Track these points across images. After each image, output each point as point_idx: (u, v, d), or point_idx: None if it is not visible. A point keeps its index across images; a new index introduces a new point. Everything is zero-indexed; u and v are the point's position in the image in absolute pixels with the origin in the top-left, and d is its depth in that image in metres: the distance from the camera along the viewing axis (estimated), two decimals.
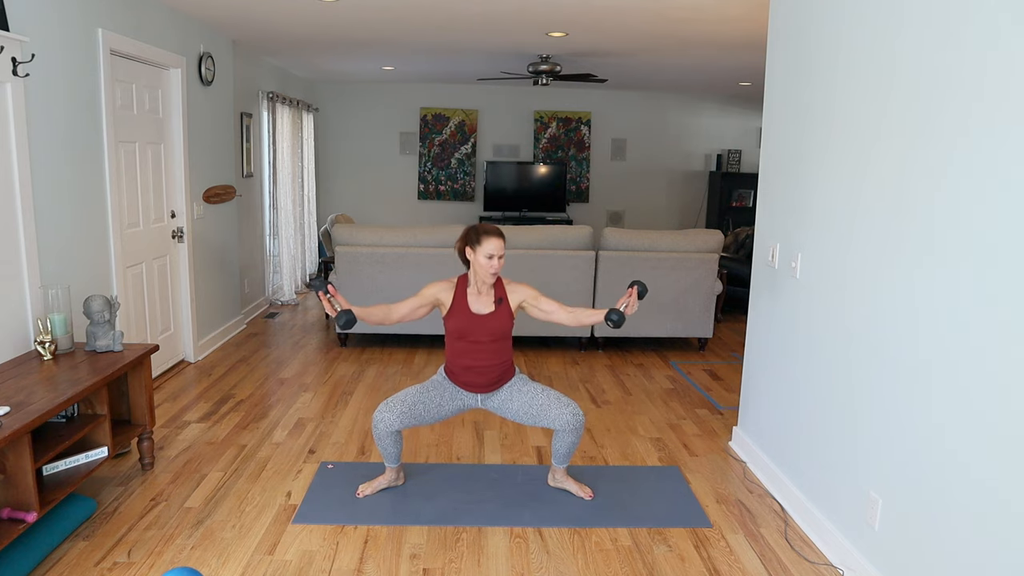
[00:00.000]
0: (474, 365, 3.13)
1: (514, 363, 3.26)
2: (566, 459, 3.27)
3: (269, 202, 7.32)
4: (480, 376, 3.15)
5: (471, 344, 3.11)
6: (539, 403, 3.15)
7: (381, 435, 3.13)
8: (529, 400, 3.16)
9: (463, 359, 3.14)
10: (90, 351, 3.35)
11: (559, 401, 3.15)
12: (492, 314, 3.11)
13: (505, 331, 3.13)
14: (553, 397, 3.16)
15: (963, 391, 2.11)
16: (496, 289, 3.14)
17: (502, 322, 3.11)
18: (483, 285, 3.10)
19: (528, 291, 3.16)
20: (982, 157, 2.04)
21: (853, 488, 2.71)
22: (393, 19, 5.10)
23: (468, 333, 3.10)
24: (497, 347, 3.13)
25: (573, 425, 3.12)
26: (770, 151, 3.59)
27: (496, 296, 3.13)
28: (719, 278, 6.42)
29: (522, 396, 3.18)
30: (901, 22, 2.45)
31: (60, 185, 3.65)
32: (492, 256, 3.00)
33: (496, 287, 3.15)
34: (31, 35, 3.36)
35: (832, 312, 2.91)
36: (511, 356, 3.22)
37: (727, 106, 9.99)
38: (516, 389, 3.20)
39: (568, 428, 3.13)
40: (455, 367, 3.17)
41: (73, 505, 2.93)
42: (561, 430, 3.15)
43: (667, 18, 4.85)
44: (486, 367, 3.13)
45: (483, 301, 3.12)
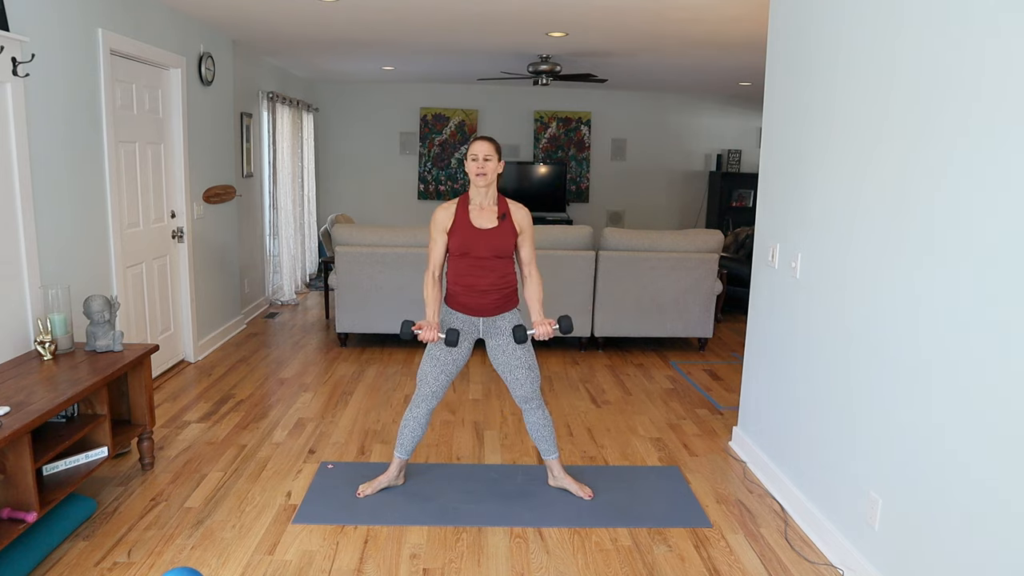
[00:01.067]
0: (476, 284, 3.07)
1: (517, 290, 3.21)
2: (551, 446, 3.27)
3: (269, 202, 7.32)
4: (482, 297, 3.09)
5: (474, 261, 3.05)
6: (518, 357, 3.14)
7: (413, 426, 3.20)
8: (511, 353, 3.14)
9: (466, 277, 3.07)
10: (90, 351, 3.35)
11: (530, 371, 3.16)
12: (495, 229, 3.06)
13: (508, 248, 3.08)
14: (526, 364, 3.15)
15: (963, 391, 2.11)
16: (499, 205, 3.10)
17: (505, 237, 3.06)
18: (480, 192, 3.06)
19: (528, 221, 3.13)
20: (982, 157, 2.04)
21: (853, 488, 2.71)
22: (393, 19, 5.10)
23: (471, 248, 3.04)
24: (499, 264, 3.08)
25: (526, 394, 3.15)
26: (770, 151, 3.59)
27: (500, 212, 3.09)
28: (719, 278, 6.42)
29: (509, 346, 3.15)
30: (901, 22, 2.45)
31: (60, 185, 3.65)
32: (476, 157, 3.01)
33: (500, 203, 3.11)
34: (31, 35, 3.36)
35: (832, 312, 2.91)
36: (514, 280, 3.16)
37: (727, 106, 9.99)
38: (509, 335, 3.15)
39: (522, 397, 3.16)
40: (457, 288, 3.10)
41: (73, 505, 2.93)
42: (519, 398, 3.18)
43: (667, 18, 4.85)
44: (488, 287, 3.08)
45: (486, 216, 3.08)
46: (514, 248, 3.12)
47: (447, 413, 4.37)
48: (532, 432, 3.27)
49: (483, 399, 4.62)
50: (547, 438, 3.26)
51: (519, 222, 3.12)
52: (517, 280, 3.20)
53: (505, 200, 3.13)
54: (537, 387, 3.21)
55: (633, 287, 5.61)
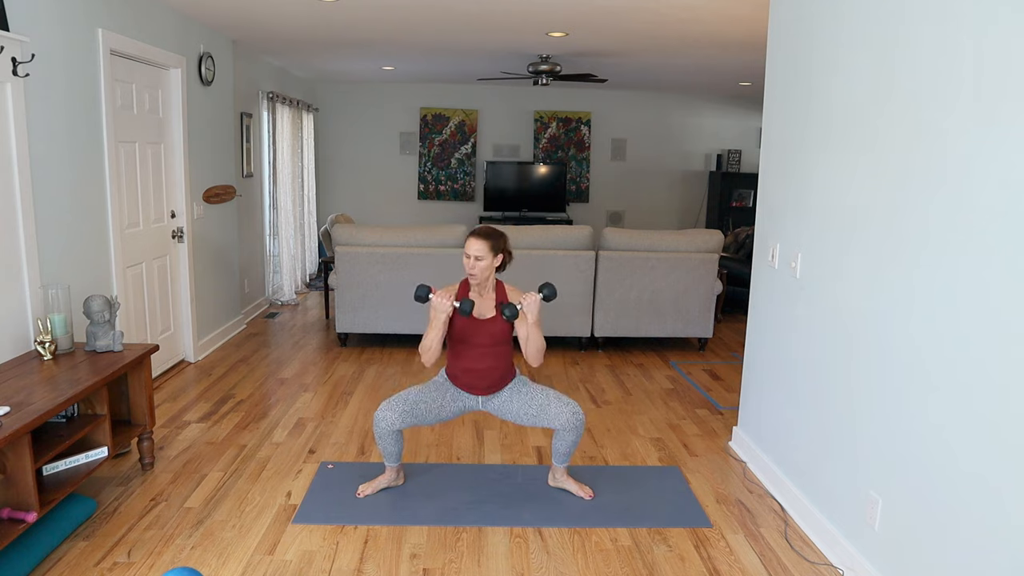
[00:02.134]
0: (474, 368, 3.13)
1: (515, 365, 3.26)
2: (566, 458, 3.27)
3: (269, 202, 7.31)
4: (481, 379, 3.15)
5: (471, 347, 3.11)
6: (538, 403, 3.15)
7: (382, 434, 3.13)
8: (528, 400, 3.16)
9: (463, 362, 3.14)
10: (90, 351, 3.35)
11: (559, 400, 3.15)
12: (493, 319, 3.11)
13: (505, 336, 3.13)
14: (552, 396, 3.16)
15: (963, 391, 2.11)
16: (498, 294, 3.15)
17: (502, 327, 3.11)
18: (474, 287, 3.10)
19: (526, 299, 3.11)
20: (982, 157, 2.04)
21: (853, 488, 2.71)
22: (393, 19, 5.10)
23: (468, 336, 3.10)
24: (497, 351, 3.13)
25: (573, 424, 3.12)
26: (770, 151, 3.59)
27: (497, 300, 3.13)
28: (719, 278, 6.42)
29: (522, 397, 3.18)
30: (901, 21, 2.45)
31: (60, 185, 3.65)
32: (468, 256, 3.03)
33: (498, 291, 3.15)
34: (31, 35, 3.36)
35: (832, 312, 2.91)
36: (512, 359, 3.22)
37: (727, 106, 9.99)
38: (516, 391, 3.20)
39: (568, 427, 3.13)
40: (456, 369, 3.17)
41: (73, 505, 2.93)
42: (561, 429, 3.15)
43: (667, 18, 4.85)
44: (486, 370, 3.13)
45: (484, 305, 3.12)
46: (511, 334, 3.17)
47: None
48: (558, 443, 3.22)
49: None
50: (569, 453, 3.26)
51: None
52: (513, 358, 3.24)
53: (503, 287, 3.17)
54: (575, 408, 3.16)
55: (633, 287, 5.61)
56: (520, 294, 3.14)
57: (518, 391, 3.20)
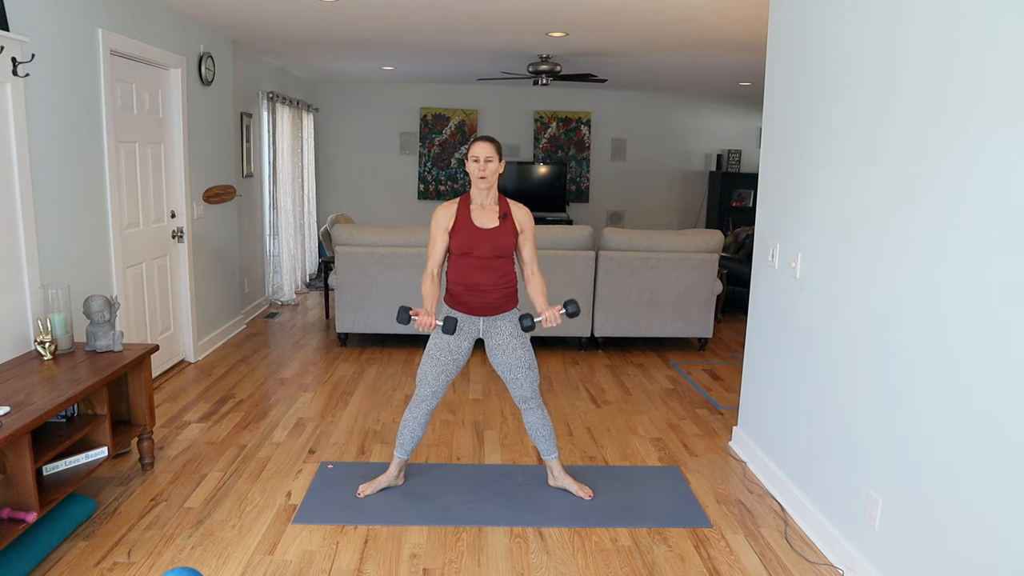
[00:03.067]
0: (477, 283, 3.07)
1: (517, 290, 3.21)
2: (550, 446, 3.27)
3: (269, 202, 7.31)
4: (483, 296, 3.09)
5: (475, 260, 3.06)
6: (518, 357, 3.14)
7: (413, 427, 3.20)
8: (514, 348, 3.14)
9: (467, 277, 3.08)
10: (90, 351, 3.35)
11: (530, 370, 3.16)
12: (496, 228, 3.07)
13: (509, 247, 3.09)
14: (526, 363, 3.16)
15: (964, 390, 2.11)
16: (500, 205, 3.12)
17: (506, 236, 3.07)
18: (481, 193, 3.07)
19: (528, 221, 3.14)
20: (983, 157, 2.04)
21: (853, 488, 2.71)
22: (393, 19, 5.10)
23: (472, 248, 3.05)
24: (500, 264, 3.08)
25: (525, 394, 3.16)
26: (770, 151, 3.59)
27: (501, 211, 3.10)
28: (719, 278, 6.42)
29: (513, 341, 3.14)
30: (902, 21, 2.45)
31: (60, 185, 3.65)
32: (478, 159, 3.02)
33: (500, 203, 3.12)
34: (31, 35, 3.36)
35: (832, 312, 2.91)
36: (514, 279, 3.16)
37: (727, 106, 9.99)
38: (511, 333, 3.15)
39: (525, 396, 3.16)
40: (457, 287, 3.11)
41: (73, 505, 2.93)
42: (520, 399, 3.18)
43: (667, 18, 4.85)
44: (489, 286, 3.08)
45: (487, 215, 3.09)
46: (515, 247, 3.13)
47: (447, 413, 4.37)
48: (531, 432, 3.27)
49: (483, 399, 4.62)
50: (546, 438, 3.26)
51: (520, 221, 3.13)
52: (517, 280, 3.20)
53: (506, 200, 3.14)
54: (536, 387, 3.21)
55: (633, 287, 5.61)
56: (523, 209, 3.15)
57: (512, 335, 3.15)
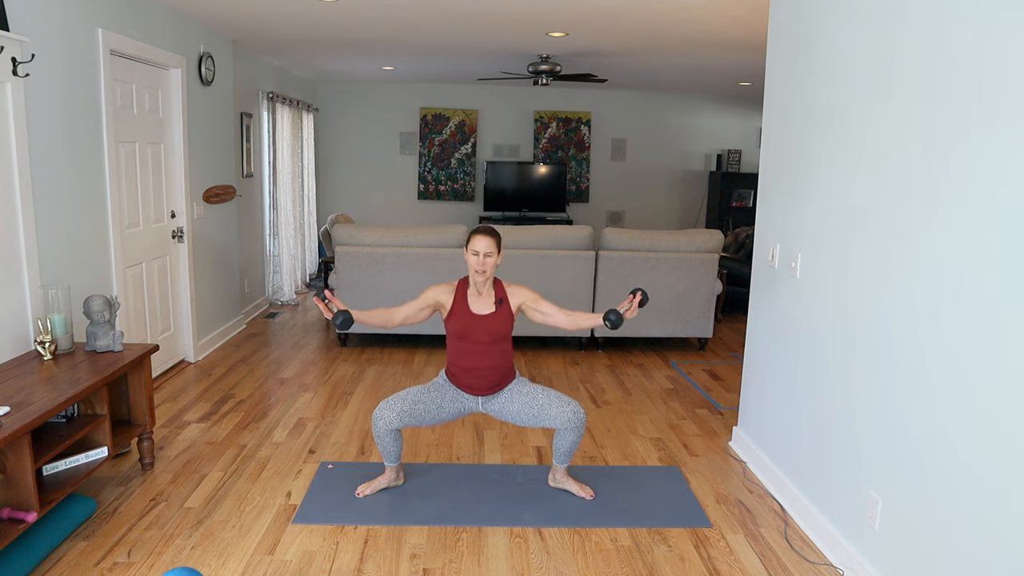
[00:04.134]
0: (475, 367, 3.13)
1: (515, 366, 3.26)
2: (567, 458, 3.27)
3: (269, 202, 7.31)
4: (481, 378, 3.15)
5: (472, 345, 3.11)
6: (539, 403, 3.15)
7: (380, 433, 3.13)
8: (529, 401, 3.16)
9: (464, 361, 3.14)
10: (90, 351, 3.35)
11: (559, 400, 3.15)
12: (492, 315, 3.11)
13: (505, 332, 3.14)
14: (553, 396, 3.16)
15: (964, 391, 2.11)
16: (496, 290, 3.15)
17: (502, 323, 3.12)
18: (479, 284, 3.10)
19: (528, 293, 3.17)
20: (983, 156, 2.04)
21: (853, 488, 2.71)
22: (393, 19, 5.10)
23: (469, 334, 3.10)
24: (498, 349, 3.13)
25: (574, 423, 3.12)
26: (770, 151, 3.59)
27: (496, 297, 3.14)
28: (719, 278, 6.42)
29: (522, 397, 3.18)
30: (901, 21, 2.45)
31: (60, 185, 3.65)
32: (478, 253, 3.02)
33: (496, 288, 3.15)
34: (31, 35, 3.36)
35: (832, 312, 2.91)
36: (512, 359, 3.22)
37: (727, 106, 9.98)
38: (516, 391, 3.20)
39: (569, 426, 3.13)
40: (456, 369, 3.17)
41: (73, 505, 2.93)
42: (563, 428, 3.15)
43: (667, 18, 4.85)
44: (487, 369, 3.13)
45: (483, 302, 3.13)
46: (511, 330, 3.17)
47: None
48: (559, 443, 3.23)
49: None
50: (570, 453, 3.26)
51: (518, 305, 3.16)
52: (513, 359, 3.24)
53: (502, 285, 3.17)
54: (577, 409, 3.16)
55: (633, 287, 5.60)
56: (519, 288, 3.16)
57: (518, 391, 3.20)
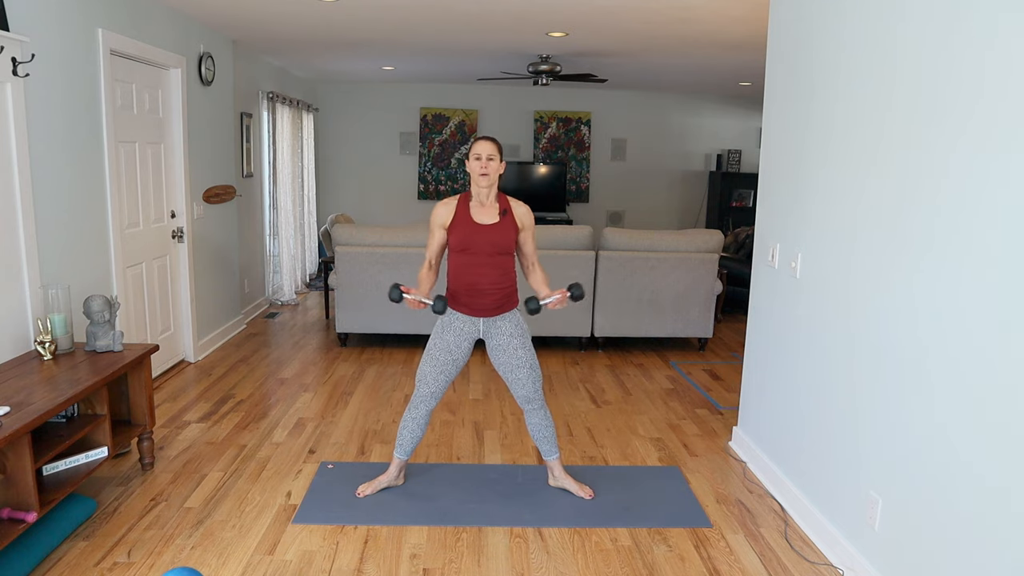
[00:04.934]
0: (477, 282, 3.05)
1: (517, 290, 3.19)
2: (551, 447, 3.27)
3: (269, 202, 7.31)
4: (483, 297, 3.07)
5: (474, 257, 3.04)
6: (519, 358, 3.13)
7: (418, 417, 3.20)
8: (515, 348, 3.13)
9: (466, 275, 3.06)
10: (90, 351, 3.35)
11: (532, 371, 3.15)
12: (496, 224, 3.05)
13: (509, 244, 3.07)
14: (528, 363, 3.14)
15: (965, 390, 2.11)
16: (500, 202, 3.10)
17: (506, 233, 3.05)
18: (482, 192, 3.05)
19: (528, 217, 3.12)
20: (983, 156, 2.04)
21: (853, 488, 2.71)
22: (393, 19, 5.10)
23: (471, 244, 3.03)
24: (500, 262, 3.06)
25: (528, 395, 3.15)
26: (770, 151, 3.59)
27: (500, 208, 3.09)
28: (719, 278, 6.42)
29: (514, 341, 3.13)
30: (902, 21, 2.45)
31: (60, 185, 3.65)
32: (480, 157, 3.00)
33: (501, 200, 3.11)
34: (31, 35, 3.36)
35: (832, 312, 2.91)
36: (514, 279, 3.14)
37: (727, 106, 9.99)
38: (511, 329, 3.13)
39: (523, 397, 3.16)
40: (457, 287, 3.09)
41: (73, 505, 2.93)
42: (522, 399, 3.17)
43: (667, 18, 4.85)
44: (489, 286, 3.06)
45: (487, 212, 3.07)
46: (515, 245, 3.12)
47: (447, 413, 4.37)
48: (533, 432, 3.27)
49: (483, 399, 4.62)
50: (548, 438, 3.26)
51: (520, 218, 3.12)
52: (517, 280, 3.20)
53: (506, 197, 3.14)
54: (539, 388, 3.20)
55: (633, 287, 5.61)
56: (523, 205, 3.14)
57: (511, 332, 3.13)
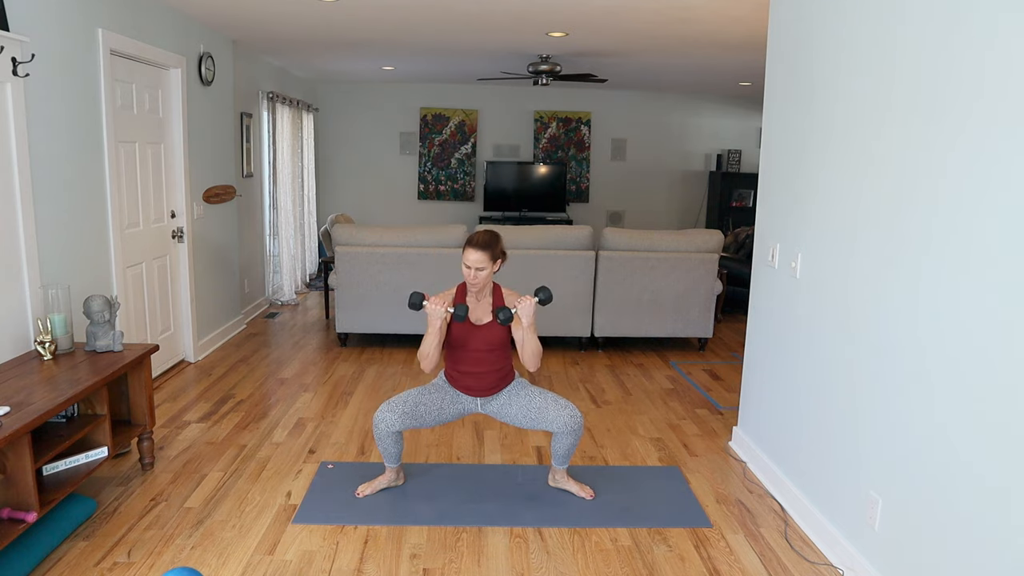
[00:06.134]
0: (472, 371, 3.13)
1: (513, 368, 3.26)
2: (565, 460, 3.27)
3: (269, 202, 7.31)
4: (479, 381, 3.14)
5: (469, 352, 3.11)
6: (537, 406, 3.14)
7: (382, 435, 3.13)
8: (527, 403, 3.16)
9: (461, 366, 3.14)
10: (90, 351, 3.35)
11: (556, 403, 3.14)
12: (489, 324, 3.10)
13: (501, 340, 3.12)
14: (551, 399, 3.16)
15: (965, 390, 2.11)
16: (495, 298, 3.13)
17: (499, 332, 3.10)
18: (475, 292, 3.09)
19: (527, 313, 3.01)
20: (983, 156, 2.04)
21: (853, 488, 2.71)
22: (393, 19, 5.10)
23: (465, 342, 3.10)
24: (494, 355, 3.12)
25: (571, 427, 3.12)
26: (770, 151, 3.59)
27: (494, 305, 3.12)
28: (719, 278, 6.42)
29: (520, 400, 3.17)
30: (902, 21, 2.45)
31: (60, 185, 3.65)
32: (469, 267, 2.99)
33: (495, 296, 3.13)
34: (31, 35, 3.36)
35: (832, 312, 2.91)
36: (510, 362, 3.22)
37: (727, 106, 9.99)
38: (515, 393, 3.20)
39: (566, 430, 3.12)
40: (454, 372, 3.17)
41: (73, 505, 2.93)
42: (560, 432, 3.14)
43: (667, 18, 4.85)
44: (484, 373, 3.13)
45: (481, 309, 3.11)
46: (508, 338, 3.15)
47: None
48: (556, 445, 3.21)
49: None
50: (568, 455, 3.25)
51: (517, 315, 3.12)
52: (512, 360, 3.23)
53: (500, 291, 3.15)
54: (574, 413, 3.13)
55: (633, 287, 5.61)
56: (517, 296, 3.12)
57: (517, 394, 3.19)
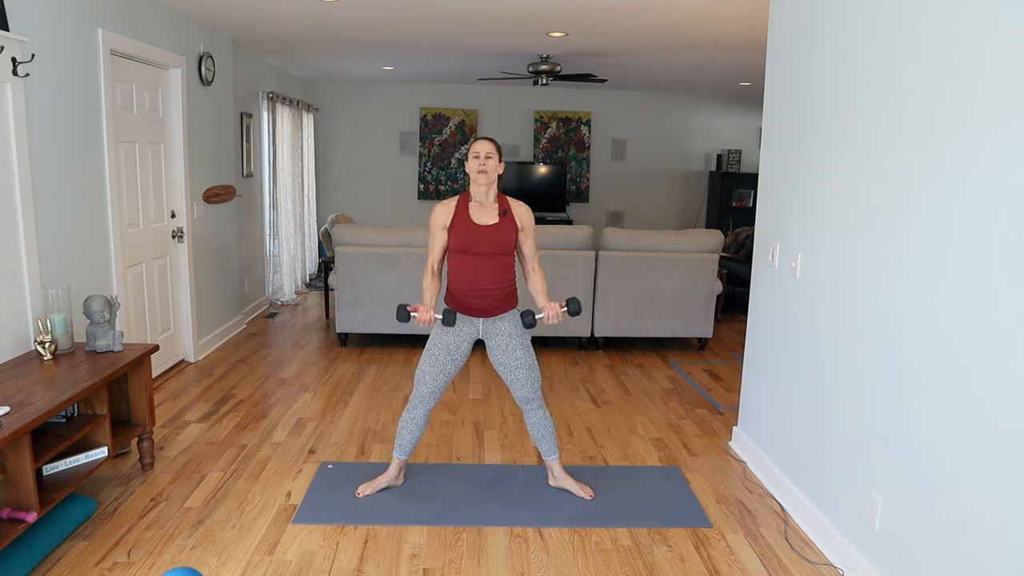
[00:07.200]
0: (477, 283, 3.04)
1: (516, 290, 3.19)
2: (551, 447, 3.27)
3: (269, 202, 7.32)
4: (482, 297, 3.06)
5: (474, 258, 3.04)
6: (518, 358, 3.13)
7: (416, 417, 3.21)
8: (514, 348, 3.13)
9: (466, 275, 3.05)
10: (90, 351, 3.35)
11: (530, 371, 3.15)
12: (496, 225, 3.05)
13: (509, 244, 3.06)
14: (527, 364, 3.14)
15: (965, 390, 2.11)
16: (500, 202, 3.10)
17: (506, 233, 3.05)
18: (481, 192, 3.05)
19: (529, 217, 3.12)
20: (983, 156, 2.04)
21: (853, 488, 2.71)
22: (393, 19, 5.10)
23: (471, 245, 3.03)
24: (500, 263, 3.06)
25: (527, 395, 3.15)
26: (770, 151, 3.59)
27: (500, 208, 3.08)
28: (719, 278, 6.42)
29: (513, 341, 3.13)
30: (901, 21, 2.45)
31: (60, 185, 3.65)
32: (478, 155, 3.01)
33: (500, 200, 3.10)
34: (31, 35, 3.36)
35: (832, 312, 2.91)
36: (514, 279, 3.14)
37: (727, 106, 9.99)
38: (510, 330, 3.13)
39: (526, 398, 3.16)
40: (457, 288, 3.08)
41: (73, 505, 2.93)
42: (521, 400, 3.18)
43: (667, 18, 4.85)
44: (489, 286, 3.05)
45: (487, 212, 3.07)
46: (515, 245, 3.11)
47: (447, 413, 4.37)
48: (533, 432, 3.27)
49: (483, 399, 4.62)
50: (548, 438, 3.26)
51: (520, 218, 3.12)
52: (516, 280, 3.19)
53: (506, 198, 3.13)
54: (538, 388, 3.21)
55: (633, 287, 5.61)
56: (523, 206, 3.13)
57: (511, 333, 3.13)
